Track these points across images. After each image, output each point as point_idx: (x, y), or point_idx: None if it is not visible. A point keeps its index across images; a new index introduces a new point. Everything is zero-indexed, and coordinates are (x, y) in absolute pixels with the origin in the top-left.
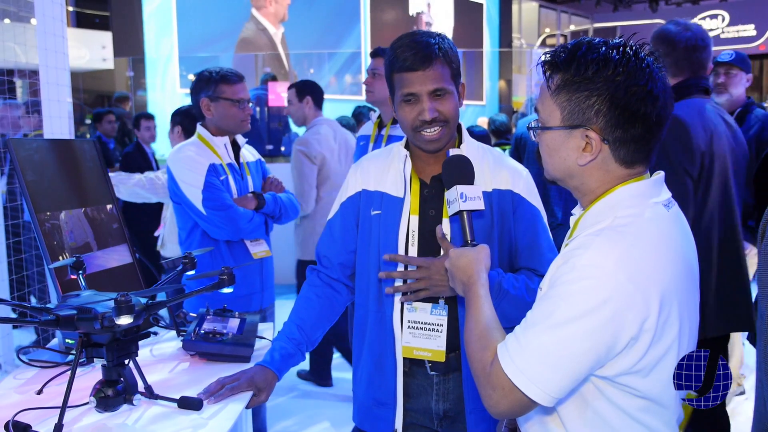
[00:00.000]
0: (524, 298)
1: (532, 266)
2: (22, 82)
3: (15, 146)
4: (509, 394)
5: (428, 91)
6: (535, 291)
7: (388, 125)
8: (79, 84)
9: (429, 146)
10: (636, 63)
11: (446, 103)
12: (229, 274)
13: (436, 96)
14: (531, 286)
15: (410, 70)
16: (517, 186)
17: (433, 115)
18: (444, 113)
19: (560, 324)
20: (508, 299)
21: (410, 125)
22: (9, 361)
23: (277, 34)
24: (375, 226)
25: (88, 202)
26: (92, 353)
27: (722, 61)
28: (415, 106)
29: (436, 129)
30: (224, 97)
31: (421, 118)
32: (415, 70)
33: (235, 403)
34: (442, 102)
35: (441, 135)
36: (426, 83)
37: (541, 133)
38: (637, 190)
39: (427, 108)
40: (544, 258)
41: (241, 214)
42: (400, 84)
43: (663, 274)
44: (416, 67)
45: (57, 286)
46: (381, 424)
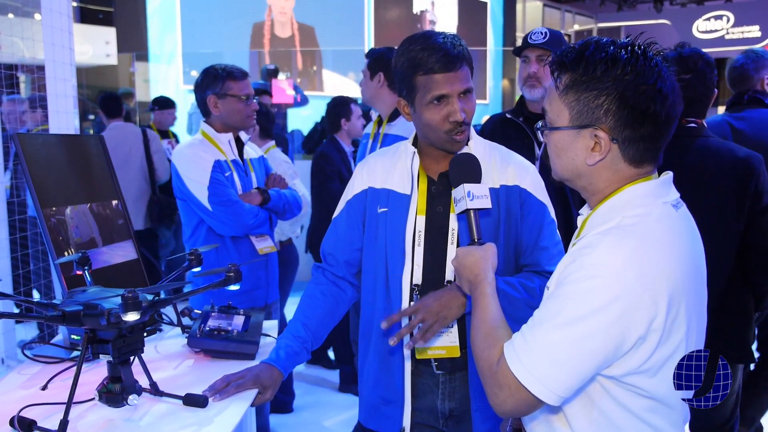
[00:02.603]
0: (515, 294)
1: (537, 261)
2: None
3: (21, 141)
4: (515, 392)
5: (458, 92)
6: (533, 289)
7: (384, 123)
8: (82, 80)
9: (456, 147)
10: (645, 62)
11: (471, 102)
12: (235, 271)
13: (464, 96)
14: (528, 284)
15: (440, 72)
16: (524, 181)
17: (464, 115)
18: (470, 113)
19: (568, 323)
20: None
21: (439, 126)
22: (12, 356)
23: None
24: (382, 224)
25: (94, 197)
26: (98, 349)
27: (535, 43)
28: (445, 108)
29: (464, 129)
30: (231, 94)
31: (452, 119)
32: (446, 71)
33: (240, 401)
34: (468, 102)
35: (467, 135)
36: (456, 84)
37: (549, 133)
38: (646, 190)
39: (458, 109)
40: (550, 253)
41: (247, 210)
42: (428, 86)
43: (671, 274)
44: (447, 69)
45: (62, 281)
46: (387, 423)
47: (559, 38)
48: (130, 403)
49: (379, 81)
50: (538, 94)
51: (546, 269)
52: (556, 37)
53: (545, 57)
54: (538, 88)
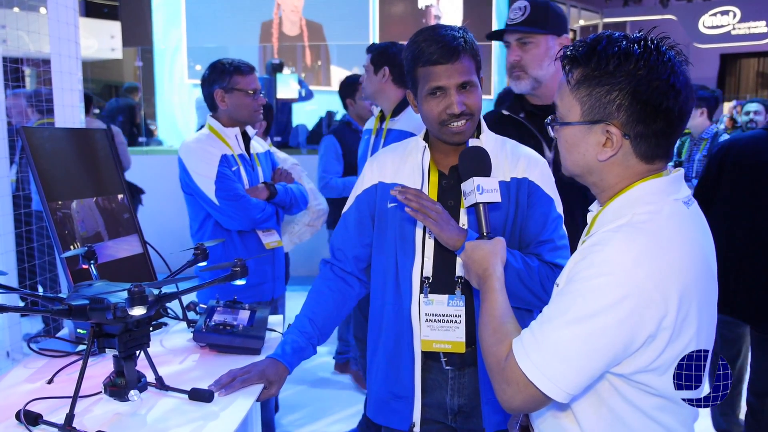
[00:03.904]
0: (514, 264)
1: (539, 253)
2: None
3: (27, 135)
4: (523, 389)
5: (456, 84)
6: (534, 269)
7: (388, 118)
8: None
9: (454, 139)
10: (658, 57)
11: (473, 96)
12: (242, 266)
13: (464, 89)
14: (530, 263)
15: (437, 64)
16: (533, 174)
17: (462, 108)
18: (471, 106)
19: (577, 320)
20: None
21: (436, 119)
22: (18, 349)
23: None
24: (392, 219)
25: (100, 191)
26: (104, 343)
27: (513, 24)
28: (443, 100)
29: (463, 122)
30: (238, 88)
31: (449, 111)
32: (443, 63)
33: (245, 396)
34: (469, 95)
35: (467, 128)
36: (454, 76)
37: (559, 129)
38: (657, 187)
39: (455, 101)
40: (553, 245)
41: (254, 204)
42: (426, 78)
43: (682, 272)
44: (444, 60)
45: (68, 275)
46: (397, 418)
47: (545, 11)
48: (130, 398)
49: (384, 75)
50: (526, 86)
51: (547, 260)
52: (541, 9)
53: (528, 40)
54: (525, 79)
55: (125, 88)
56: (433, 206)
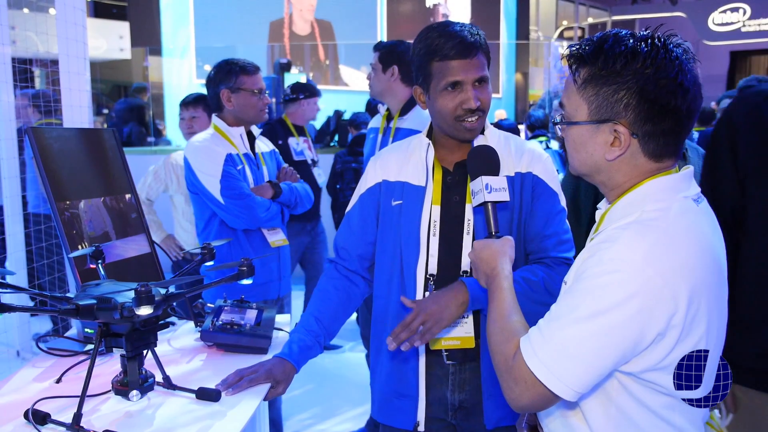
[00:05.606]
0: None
1: (544, 248)
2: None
3: (35, 135)
4: (531, 387)
5: (473, 79)
6: (535, 283)
7: (396, 117)
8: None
9: (468, 135)
10: (665, 55)
11: (486, 92)
12: (248, 265)
13: (479, 85)
14: (530, 278)
15: (456, 58)
16: (536, 168)
17: (478, 103)
18: (484, 102)
19: (585, 318)
20: None
21: (452, 113)
22: (27, 348)
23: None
24: (396, 216)
25: (108, 191)
26: (111, 343)
27: None
28: (459, 95)
29: (476, 118)
30: (244, 88)
31: (465, 106)
32: (461, 58)
33: (252, 395)
34: (483, 91)
35: (480, 124)
36: (471, 71)
37: (566, 128)
38: (666, 184)
39: (472, 96)
40: (558, 240)
41: (259, 203)
42: (442, 72)
43: (692, 270)
44: (463, 56)
45: (76, 275)
46: (401, 416)
47: None
48: (130, 398)
49: (392, 74)
50: None
51: (552, 255)
52: None
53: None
54: None
55: (134, 88)
56: (417, 320)
